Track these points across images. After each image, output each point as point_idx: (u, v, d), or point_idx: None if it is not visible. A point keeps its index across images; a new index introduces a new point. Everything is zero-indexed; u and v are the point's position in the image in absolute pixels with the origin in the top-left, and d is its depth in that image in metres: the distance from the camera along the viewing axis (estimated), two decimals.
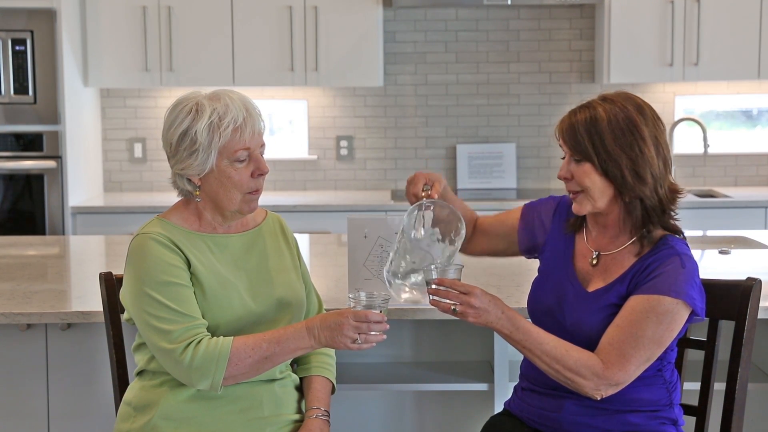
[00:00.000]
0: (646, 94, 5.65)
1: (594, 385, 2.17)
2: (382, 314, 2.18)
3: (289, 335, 2.22)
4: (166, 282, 2.23)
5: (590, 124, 2.23)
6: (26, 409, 3.00)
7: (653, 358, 2.20)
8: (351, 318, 2.17)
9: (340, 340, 2.18)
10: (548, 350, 2.19)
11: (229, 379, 2.22)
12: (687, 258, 2.22)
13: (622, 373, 2.17)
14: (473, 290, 2.19)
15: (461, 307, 2.18)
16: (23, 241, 4.17)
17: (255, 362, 2.21)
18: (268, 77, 5.40)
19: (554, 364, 2.19)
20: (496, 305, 2.20)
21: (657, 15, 5.34)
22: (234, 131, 2.26)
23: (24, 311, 2.75)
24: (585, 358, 2.18)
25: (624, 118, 2.21)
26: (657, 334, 2.17)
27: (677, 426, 2.30)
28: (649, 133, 2.21)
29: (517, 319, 2.20)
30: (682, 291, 2.17)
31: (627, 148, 2.20)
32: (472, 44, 5.74)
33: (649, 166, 2.20)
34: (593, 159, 2.22)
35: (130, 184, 5.80)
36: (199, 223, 2.35)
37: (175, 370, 2.22)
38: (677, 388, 2.32)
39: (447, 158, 5.80)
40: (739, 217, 5.18)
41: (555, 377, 2.21)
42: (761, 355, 3.05)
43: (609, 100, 2.26)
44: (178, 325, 2.20)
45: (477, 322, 2.20)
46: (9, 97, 5.09)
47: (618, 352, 2.17)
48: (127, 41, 5.34)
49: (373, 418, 3.11)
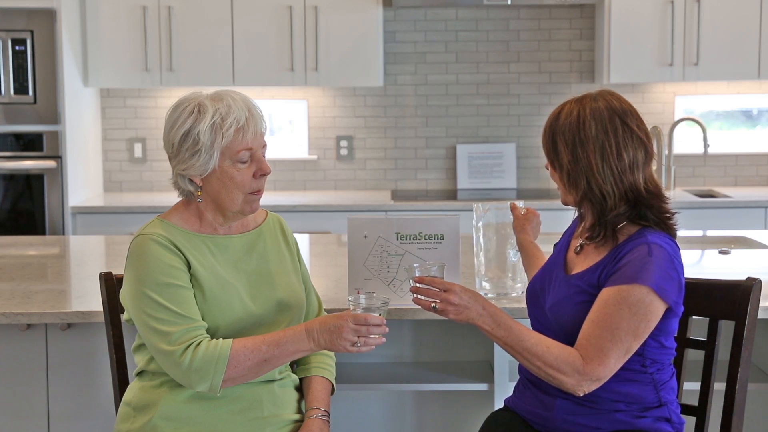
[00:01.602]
0: (646, 94, 5.65)
1: (575, 381, 2.18)
2: (381, 317, 2.19)
3: (289, 338, 2.22)
4: (166, 283, 2.22)
5: (552, 122, 2.30)
6: (26, 409, 3.00)
7: (632, 350, 2.19)
8: (350, 321, 2.17)
9: (339, 343, 2.18)
10: (529, 347, 2.20)
11: (228, 381, 2.22)
12: (657, 247, 2.21)
13: (602, 368, 2.17)
14: (453, 287, 2.21)
15: (441, 304, 2.21)
16: (23, 241, 4.17)
17: (254, 365, 2.21)
18: (268, 77, 5.40)
19: (535, 360, 2.20)
20: (476, 301, 2.22)
21: (657, 15, 5.34)
22: (236, 132, 2.27)
23: (24, 311, 2.75)
24: (565, 355, 2.19)
25: (574, 121, 2.26)
26: (632, 325, 2.17)
27: (673, 423, 2.30)
28: (596, 138, 2.23)
29: (498, 316, 2.22)
30: (650, 279, 2.17)
31: (568, 151, 2.26)
32: (472, 44, 5.75)
33: (587, 172, 2.23)
34: (546, 155, 2.32)
35: (130, 184, 5.80)
36: (199, 223, 2.35)
37: (174, 371, 2.22)
38: (670, 386, 2.31)
39: (447, 158, 5.80)
40: (739, 217, 5.18)
41: (537, 374, 2.23)
42: (761, 355, 3.05)
43: (582, 99, 2.30)
44: (178, 327, 2.20)
45: (458, 319, 2.22)
46: (9, 97, 5.09)
47: (596, 347, 2.17)
48: (127, 41, 5.34)
49: (373, 418, 3.11)
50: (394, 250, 2.71)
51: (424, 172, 5.82)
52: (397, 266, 2.73)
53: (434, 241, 2.72)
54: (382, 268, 2.73)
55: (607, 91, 2.31)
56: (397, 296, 2.73)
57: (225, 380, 2.21)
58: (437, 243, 2.72)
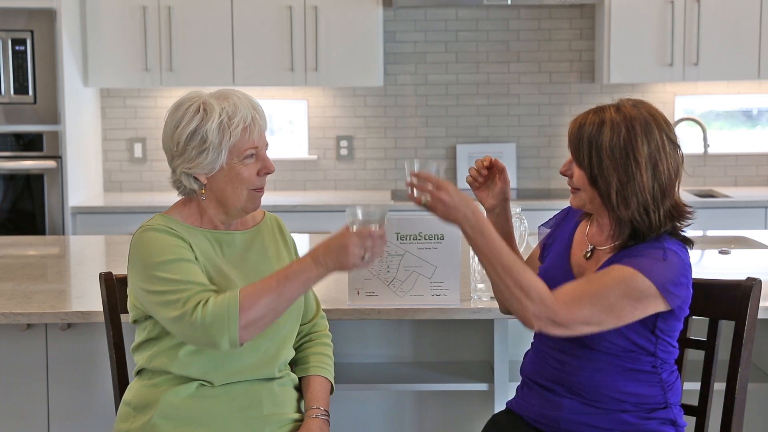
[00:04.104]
0: (646, 94, 5.65)
1: (536, 309, 2.14)
2: (382, 228, 2.19)
3: (296, 269, 2.20)
4: (172, 260, 2.22)
5: (593, 136, 2.23)
6: (26, 409, 3.00)
7: (603, 325, 2.17)
8: (355, 237, 2.17)
9: (347, 260, 2.18)
10: (506, 263, 2.17)
11: (249, 327, 2.17)
12: (672, 254, 2.21)
13: (567, 314, 2.14)
14: (447, 186, 2.18)
15: (432, 200, 2.18)
16: (23, 241, 4.17)
17: (269, 302, 2.17)
18: (268, 77, 5.40)
19: (506, 278, 2.16)
20: (467, 205, 2.18)
21: (657, 15, 5.34)
22: (243, 130, 2.28)
23: (24, 311, 2.75)
24: (538, 283, 2.16)
25: (625, 138, 2.20)
26: (618, 304, 2.15)
27: (677, 426, 2.30)
28: (648, 155, 2.20)
29: (483, 224, 2.18)
30: (657, 279, 2.16)
31: (620, 169, 2.20)
32: (472, 44, 5.75)
33: (638, 191, 2.20)
34: (587, 170, 2.25)
35: (130, 184, 5.81)
36: (200, 220, 2.36)
37: (191, 334, 2.18)
38: (675, 388, 2.32)
39: (447, 158, 5.80)
40: (739, 217, 5.18)
41: (504, 293, 2.19)
42: (761, 355, 3.05)
43: (621, 111, 2.23)
44: (187, 292, 2.19)
45: (445, 218, 2.19)
46: (9, 97, 5.09)
47: (574, 296, 2.15)
48: (127, 41, 5.34)
49: (373, 418, 3.11)
50: (394, 250, 2.72)
51: None
52: (397, 266, 2.73)
53: (434, 241, 2.72)
54: (382, 268, 2.73)
55: (641, 102, 2.27)
56: (397, 296, 2.73)
57: (244, 326, 2.16)
58: (437, 243, 2.72)
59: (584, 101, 5.61)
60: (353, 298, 2.76)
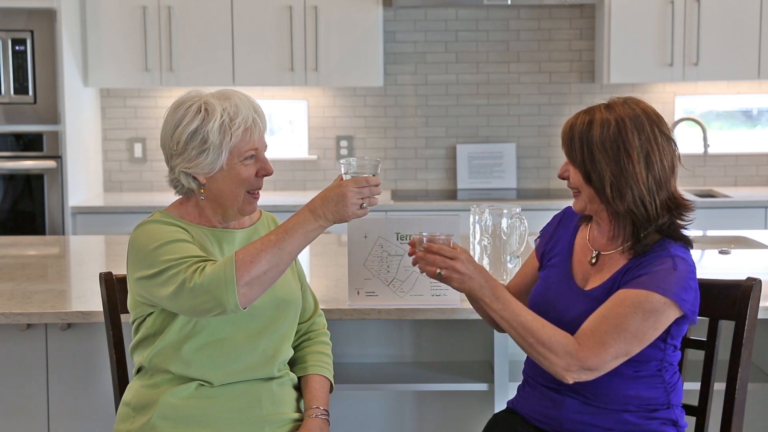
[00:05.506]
0: (646, 94, 5.65)
1: (565, 363, 2.16)
2: (377, 177, 2.21)
3: (293, 223, 2.20)
4: (170, 241, 2.22)
5: (584, 133, 2.24)
6: (26, 409, 3.00)
7: (632, 353, 2.19)
8: (352, 185, 2.17)
9: (346, 210, 2.18)
10: (524, 322, 2.20)
11: (252, 283, 2.14)
12: (681, 260, 2.21)
13: (596, 359, 2.16)
14: (459, 256, 2.22)
15: (446, 271, 2.22)
16: (23, 241, 4.17)
17: (270, 258, 2.15)
18: (268, 77, 5.40)
19: (528, 337, 2.19)
20: (480, 274, 2.23)
21: (657, 15, 5.34)
22: (244, 132, 2.28)
23: (24, 311, 2.75)
24: (560, 336, 2.18)
25: (615, 131, 2.21)
26: (641, 329, 2.16)
27: (678, 427, 2.30)
28: (640, 147, 2.20)
29: (498, 290, 2.24)
30: (671, 290, 2.17)
31: (612, 162, 2.21)
32: (472, 44, 5.74)
33: (632, 183, 2.20)
34: (580, 167, 2.26)
35: (130, 184, 5.81)
36: (199, 218, 2.36)
37: (193, 301, 2.15)
38: (677, 389, 2.32)
39: (447, 158, 5.80)
40: (739, 217, 5.18)
41: (529, 352, 2.22)
42: (761, 355, 3.05)
43: (611, 107, 2.25)
44: (184, 265, 2.18)
45: (460, 288, 2.24)
46: (9, 97, 5.09)
47: (597, 338, 2.17)
48: (127, 41, 5.35)
49: (373, 418, 3.11)
50: (394, 250, 2.72)
51: (424, 172, 5.82)
52: (397, 266, 2.73)
53: None
54: (382, 268, 2.73)
55: (631, 98, 2.28)
56: (397, 296, 2.73)
57: (247, 283, 2.13)
58: None
59: (584, 101, 5.61)
60: (353, 298, 2.76)
